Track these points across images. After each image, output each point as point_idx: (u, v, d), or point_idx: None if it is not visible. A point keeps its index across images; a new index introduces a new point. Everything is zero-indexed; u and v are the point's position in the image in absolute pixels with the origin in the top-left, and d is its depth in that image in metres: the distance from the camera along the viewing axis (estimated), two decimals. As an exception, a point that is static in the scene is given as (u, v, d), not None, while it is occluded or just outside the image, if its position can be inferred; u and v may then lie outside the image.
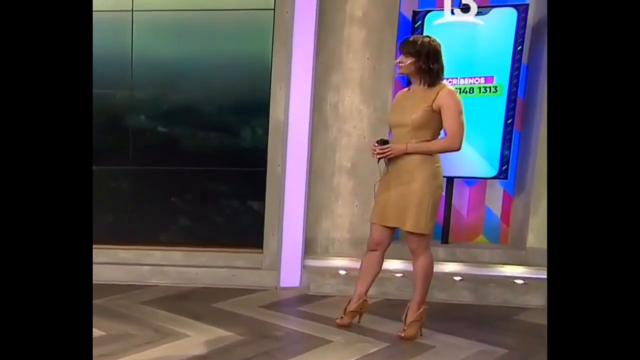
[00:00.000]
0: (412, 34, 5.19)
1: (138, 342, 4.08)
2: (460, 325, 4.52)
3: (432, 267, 4.27)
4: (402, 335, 4.25)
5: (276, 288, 5.17)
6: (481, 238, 5.60)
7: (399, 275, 5.08)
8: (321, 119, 5.26)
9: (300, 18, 4.95)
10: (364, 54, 5.24)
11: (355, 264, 5.24)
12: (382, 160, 4.26)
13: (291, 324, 4.53)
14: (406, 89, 4.38)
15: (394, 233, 4.36)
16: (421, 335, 4.28)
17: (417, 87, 4.13)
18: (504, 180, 5.43)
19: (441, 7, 5.21)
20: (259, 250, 5.22)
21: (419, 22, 5.21)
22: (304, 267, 5.21)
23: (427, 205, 4.10)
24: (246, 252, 5.23)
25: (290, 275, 5.17)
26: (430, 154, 4.10)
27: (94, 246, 4.88)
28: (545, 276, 4.85)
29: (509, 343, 4.22)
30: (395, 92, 5.25)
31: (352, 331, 4.36)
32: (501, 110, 5.19)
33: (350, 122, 5.30)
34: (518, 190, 5.48)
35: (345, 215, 5.39)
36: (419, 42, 4.06)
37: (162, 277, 5.20)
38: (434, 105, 4.02)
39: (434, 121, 4.07)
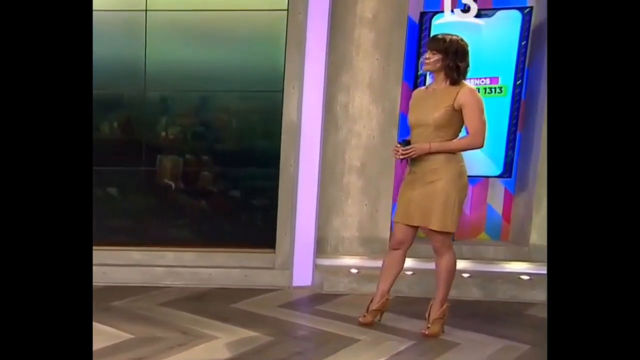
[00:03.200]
0: (420, 35, 5.30)
1: (169, 345, 4.07)
2: (475, 321, 4.62)
3: (455, 265, 4.36)
4: (427, 332, 4.33)
5: (289, 287, 5.19)
6: (483, 235, 5.75)
7: (409, 273, 5.16)
8: (332, 119, 5.30)
9: (313, 19, 4.96)
10: (373, 55, 5.30)
11: (365, 262, 5.36)
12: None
13: (314, 323, 4.56)
14: (423, 87, 4.42)
15: (416, 232, 4.42)
16: (443, 332, 4.37)
17: (437, 86, 4.19)
18: (506, 179, 5.59)
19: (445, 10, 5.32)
20: (272, 250, 5.23)
21: (426, 24, 5.29)
22: (315, 266, 5.25)
23: (452, 204, 4.17)
24: (259, 252, 5.23)
25: (302, 275, 5.20)
26: (453, 152, 4.18)
27: (108, 248, 4.94)
28: (549, 272, 5.07)
29: (528, 339, 4.33)
30: (403, 93, 5.36)
31: (376, 329, 4.41)
32: (506, 111, 5.33)
33: (360, 122, 5.35)
34: (519, 189, 5.64)
35: (355, 214, 5.45)
36: (448, 40, 4.12)
37: (175, 278, 5.16)
38: (455, 104, 4.09)
39: (455, 120, 4.13)
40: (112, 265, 5.07)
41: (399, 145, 4.25)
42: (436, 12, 5.30)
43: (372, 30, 5.27)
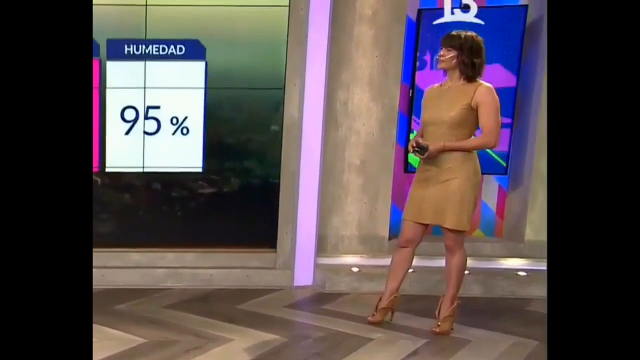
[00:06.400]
0: (417, 33, 5.31)
1: (185, 348, 3.99)
2: (480, 318, 4.65)
3: (465, 264, 4.40)
4: (437, 330, 4.34)
5: (290, 287, 5.14)
6: (478, 232, 5.79)
7: (410, 271, 5.14)
8: (331, 116, 5.26)
9: (314, 15, 4.92)
10: (372, 52, 5.27)
11: (365, 260, 5.36)
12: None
13: (324, 323, 4.51)
14: (437, 85, 4.37)
15: (425, 231, 4.42)
16: (452, 329, 4.38)
17: (452, 84, 4.16)
18: (499, 176, 5.65)
19: (442, 7, 5.34)
20: (273, 250, 5.17)
21: (424, 21, 5.30)
22: (316, 265, 5.21)
23: (468, 202, 4.18)
24: (260, 252, 5.17)
25: (303, 274, 5.16)
26: (467, 151, 4.19)
27: (107, 250, 4.81)
28: (545, 268, 5.14)
29: (535, 334, 4.35)
30: (402, 91, 5.36)
31: (387, 328, 4.40)
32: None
33: (360, 120, 5.33)
34: (512, 186, 5.70)
35: (354, 213, 5.42)
36: (462, 36, 4.10)
37: (176, 280, 5.05)
38: (473, 103, 4.08)
39: (471, 119, 4.12)
40: (111, 268, 4.94)
41: (418, 154, 4.21)
42: (433, 10, 5.32)
43: (372, 27, 5.25)
